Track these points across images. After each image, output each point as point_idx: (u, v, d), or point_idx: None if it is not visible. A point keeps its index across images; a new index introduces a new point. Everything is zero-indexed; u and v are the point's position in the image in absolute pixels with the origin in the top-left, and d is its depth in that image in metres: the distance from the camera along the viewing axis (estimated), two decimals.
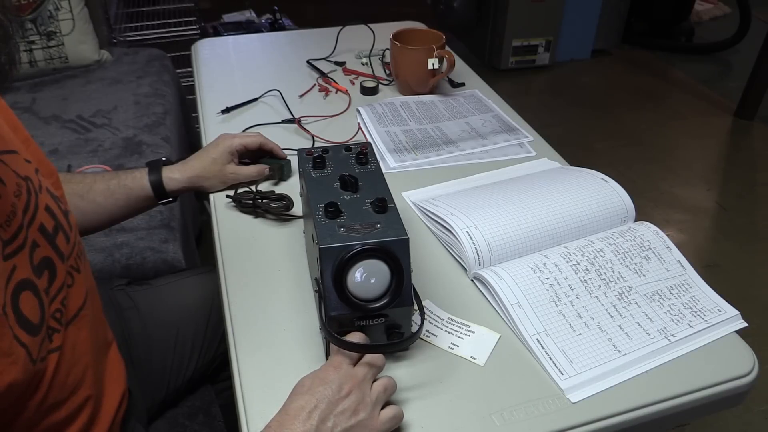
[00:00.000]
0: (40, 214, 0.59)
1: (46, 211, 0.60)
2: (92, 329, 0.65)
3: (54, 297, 0.58)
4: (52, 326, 0.57)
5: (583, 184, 0.87)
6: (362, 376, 0.59)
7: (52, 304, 0.57)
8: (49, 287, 0.57)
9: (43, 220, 0.59)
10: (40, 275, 0.56)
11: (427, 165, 1.01)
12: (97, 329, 0.68)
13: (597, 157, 2.48)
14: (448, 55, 1.16)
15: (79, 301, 0.63)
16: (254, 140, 0.93)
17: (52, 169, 0.69)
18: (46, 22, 1.75)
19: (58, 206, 0.63)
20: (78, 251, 0.65)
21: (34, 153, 0.66)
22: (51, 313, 0.57)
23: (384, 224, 0.64)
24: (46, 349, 0.55)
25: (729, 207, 2.23)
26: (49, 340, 0.56)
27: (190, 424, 0.90)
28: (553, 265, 0.75)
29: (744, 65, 2.84)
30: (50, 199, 0.62)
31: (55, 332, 0.57)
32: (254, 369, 0.67)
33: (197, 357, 0.94)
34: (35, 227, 0.57)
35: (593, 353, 0.67)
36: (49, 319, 0.56)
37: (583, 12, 3.07)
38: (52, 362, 0.56)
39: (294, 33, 1.59)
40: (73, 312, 0.62)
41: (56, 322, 0.58)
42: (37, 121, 1.63)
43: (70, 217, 0.65)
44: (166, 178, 0.88)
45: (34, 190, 0.59)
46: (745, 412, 1.50)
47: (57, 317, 0.58)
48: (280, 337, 0.71)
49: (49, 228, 0.60)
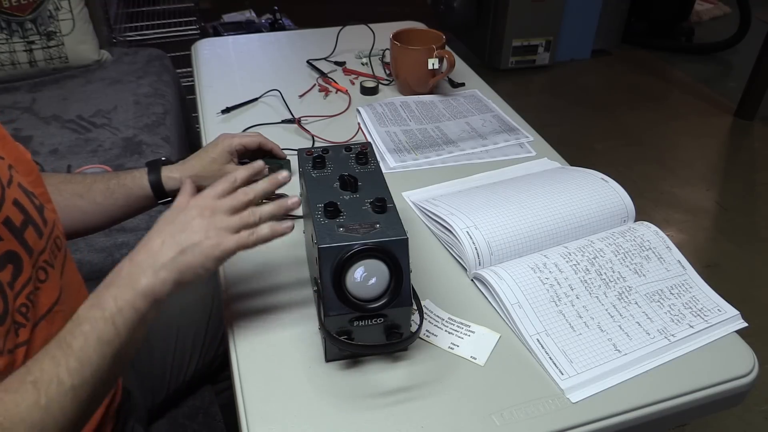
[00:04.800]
0: (7, 207, 0.58)
1: (14, 205, 0.60)
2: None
3: (19, 292, 0.58)
4: (17, 321, 0.57)
5: (583, 184, 0.87)
6: (212, 206, 0.63)
7: (17, 299, 0.57)
8: (13, 281, 0.57)
9: (9, 214, 0.58)
10: (2, 268, 0.56)
11: (427, 165, 1.01)
12: None
13: (597, 157, 2.48)
14: (448, 55, 1.16)
15: (52, 297, 0.63)
16: (254, 140, 0.93)
17: (33, 167, 0.69)
18: (46, 22, 1.75)
19: (31, 201, 0.63)
20: (53, 247, 0.65)
21: (10, 150, 0.65)
22: (16, 307, 0.57)
23: (383, 224, 0.64)
24: (12, 342, 0.56)
25: (729, 207, 2.23)
26: (15, 334, 0.56)
27: (190, 424, 0.90)
28: (553, 265, 0.75)
29: (744, 65, 2.84)
30: (21, 194, 0.62)
31: (21, 327, 0.57)
32: (254, 369, 0.67)
33: (197, 357, 0.94)
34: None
35: (593, 353, 0.67)
36: (13, 313, 0.56)
37: (583, 12, 3.07)
38: (20, 355, 0.57)
39: (294, 33, 1.59)
40: (45, 308, 0.62)
41: (22, 317, 0.58)
42: (37, 121, 1.63)
43: (46, 213, 0.65)
44: (165, 177, 0.88)
45: (2, 184, 0.59)
46: (745, 412, 1.50)
47: (23, 312, 0.58)
48: (280, 337, 0.71)
49: (17, 222, 0.59)
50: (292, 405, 0.63)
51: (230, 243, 0.60)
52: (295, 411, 0.62)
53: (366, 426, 0.61)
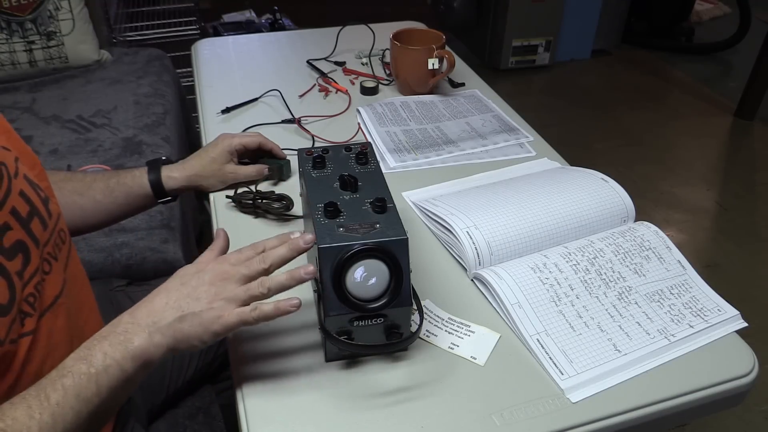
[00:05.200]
0: (13, 198, 0.59)
1: (20, 196, 0.60)
2: (72, 320, 0.65)
3: (28, 281, 0.58)
4: (24, 310, 0.57)
5: (583, 184, 0.87)
6: (226, 273, 0.60)
7: (25, 288, 0.57)
8: (22, 270, 0.57)
9: (15, 204, 0.59)
10: (12, 258, 0.56)
11: (427, 165, 1.01)
12: (79, 321, 0.67)
13: (597, 157, 2.48)
14: (448, 55, 1.16)
15: (56, 289, 0.63)
16: (254, 140, 0.93)
17: (36, 161, 0.69)
18: (46, 22, 1.75)
19: (36, 193, 0.63)
20: (57, 239, 0.65)
21: (15, 143, 0.66)
22: (24, 296, 0.57)
23: (383, 224, 0.64)
24: (17, 331, 0.55)
25: (729, 207, 2.23)
26: (20, 324, 0.56)
27: (190, 424, 0.90)
28: (553, 265, 0.75)
29: (744, 65, 2.84)
30: (27, 186, 0.62)
31: (28, 316, 0.57)
32: (254, 369, 0.67)
33: (197, 358, 0.94)
34: (6, 210, 0.57)
35: (593, 353, 0.67)
36: (21, 302, 0.56)
37: (583, 12, 3.07)
38: (24, 346, 0.56)
39: (294, 33, 1.59)
40: (50, 300, 0.62)
41: (29, 307, 0.58)
42: (37, 121, 1.63)
43: (51, 205, 0.65)
44: (165, 177, 0.88)
45: (9, 174, 0.59)
46: (745, 412, 1.50)
47: (30, 302, 0.58)
48: (279, 337, 0.71)
49: (23, 213, 0.59)
50: (292, 405, 0.63)
51: (232, 318, 0.58)
52: (295, 411, 0.62)
53: (366, 426, 0.61)
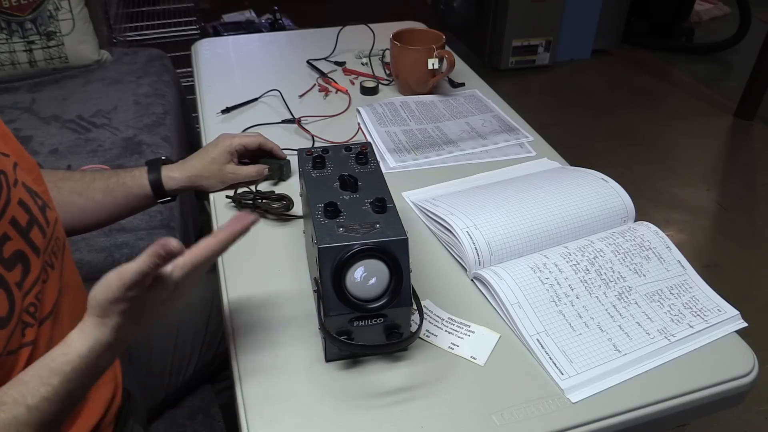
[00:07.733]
0: (12, 207, 0.58)
1: (19, 205, 0.60)
2: (70, 326, 0.65)
3: (28, 291, 0.58)
4: (25, 320, 0.57)
5: (583, 184, 0.87)
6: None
7: (26, 298, 0.57)
8: (22, 281, 0.57)
9: (15, 214, 0.59)
10: (11, 268, 0.56)
11: (427, 165, 1.01)
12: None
13: (597, 157, 2.48)
14: (448, 55, 1.16)
15: (52, 297, 0.63)
16: (254, 140, 0.93)
17: (33, 164, 0.69)
18: (46, 22, 1.75)
19: (34, 201, 0.63)
20: (54, 247, 0.65)
21: (14, 148, 0.66)
22: (24, 306, 0.57)
23: (383, 224, 0.64)
24: (17, 342, 0.55)
25: (729, 207, 2.23)
26: (21, 334, 0.56)
27: (190, 424, 0.90)
28: (553, 265, 0.75)
29: (744, 65, 2.84)
30: (25, 194, 0.62)
31: (28, 326, 0.57)
32: (254, 369, 0.67)
33: (197, 357, 0.94)
34: (6, 220, 0.57)
35: (593, 353, 0.67)
36: (21, 313, 0.56)
37: (583, 12, 3.07)
38: (24, 356, 0.56)
39: (294, 33, 1.59)
40: (49, 308, 0.62)
41: (30, 317, 0.57)
42: (37, 121, 1.63)
43: (49, 212, 0.65)
44: (165, 177, 0.88)
45: (8, 184, 0.59)
46: (745, 412, 1.50)
47: (31, 311, 0.58)
48: (279, 336, 0.71)
49: (23, 222, 0.59)
50: (292, 405, 0.63)
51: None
52: (295, 411, 0.62)
53: (366, 426, 0.61)
